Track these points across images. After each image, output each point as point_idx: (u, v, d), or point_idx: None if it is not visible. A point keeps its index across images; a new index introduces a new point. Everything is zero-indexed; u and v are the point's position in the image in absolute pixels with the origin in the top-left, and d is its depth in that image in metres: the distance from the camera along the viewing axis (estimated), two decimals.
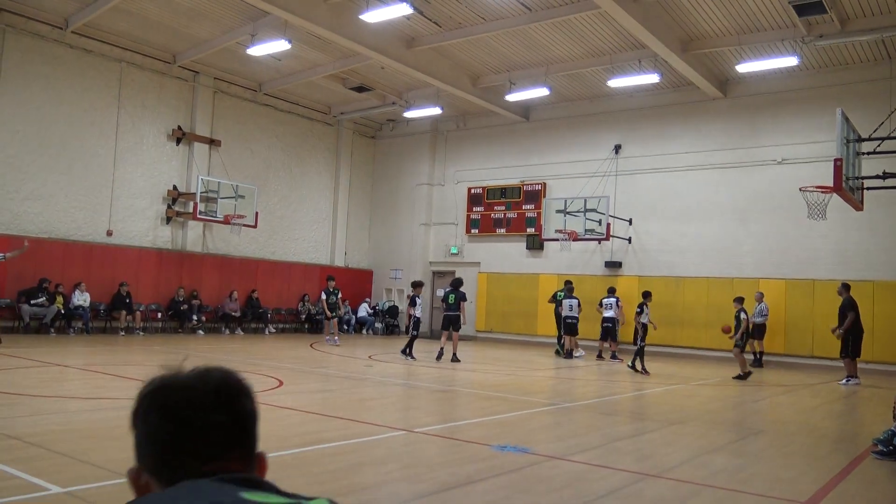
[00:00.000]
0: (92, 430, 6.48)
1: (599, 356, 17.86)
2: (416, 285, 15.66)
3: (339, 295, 19.22)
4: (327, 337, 19.31)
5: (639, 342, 14.65)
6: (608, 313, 17.41)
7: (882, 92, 17.20)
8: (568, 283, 18.79)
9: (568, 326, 17.84)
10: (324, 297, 19.19)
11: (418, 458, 6.06)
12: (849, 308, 14.26)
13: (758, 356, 17.96)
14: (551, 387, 12.48)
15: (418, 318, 15.61)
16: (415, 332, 15.41)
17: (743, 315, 14.22)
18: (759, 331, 17.90)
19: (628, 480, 5.60)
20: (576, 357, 17.87)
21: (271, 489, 1.14)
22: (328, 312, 19.01)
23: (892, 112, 12.86)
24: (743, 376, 14.18)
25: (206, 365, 1.26)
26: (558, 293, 18.81)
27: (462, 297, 15.52)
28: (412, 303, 15.60)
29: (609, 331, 17.46)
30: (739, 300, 14.65)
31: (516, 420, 8.35)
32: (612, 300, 17.55)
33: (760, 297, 18.05)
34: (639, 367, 14.47)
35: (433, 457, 6.12)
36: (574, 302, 17.83)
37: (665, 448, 7.02)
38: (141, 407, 1.22)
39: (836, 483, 5.74)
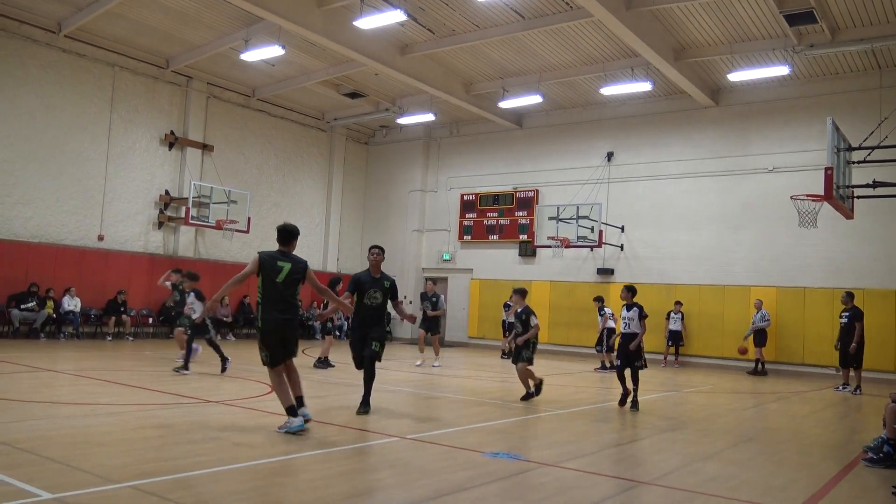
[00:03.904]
0: (82, 435, 6.44)
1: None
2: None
3: (193, 295, 12.48)
4: (179, 358, 12.81)
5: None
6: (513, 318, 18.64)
7: (872, 101, 17.34)
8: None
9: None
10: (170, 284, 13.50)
11: (411, 464, 6.05)
12: (857, 318, 14.02)
13: (759, 365, 17.98)
14: (543, 393, 12.48)
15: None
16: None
17: (535, 321, 10.46)
18: (760, 338, 17.94)
19: (620, 487, 5.61)
20: (435, 366, 15.93)
21: (296, 258, 7.26)
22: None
23: (883, 121, 12.97)
24: (528, 395, 10.63)
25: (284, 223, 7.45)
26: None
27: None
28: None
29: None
30: (510, 301, 12.16)
31: (509, 427, 8.35)
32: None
33: (760, 305, 18.13)
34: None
35: (426, 464, 6.11)
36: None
37: (657, 455, 7.03)
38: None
39: (827, 490, 5.76)
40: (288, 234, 7.31)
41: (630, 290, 10.50)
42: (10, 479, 4.68)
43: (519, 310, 10.63)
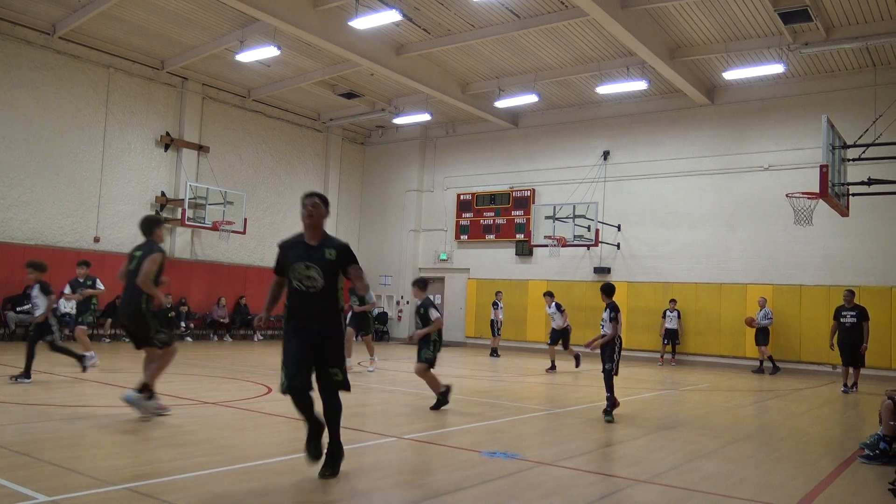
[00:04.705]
0: (79, 438, 6.43)
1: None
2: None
3: (38, 288, 10.23)
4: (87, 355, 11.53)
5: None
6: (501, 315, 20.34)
7: (867, 99, 17.39)
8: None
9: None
10: (68, 290, 12.89)
11: (408, 464, 6.05)
12: (865, 318, 13.81)
13: (764, 362, 17.99)
14: (541, 392, 12.48)
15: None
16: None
17: (435, 314, 9.17)
18: (763, 336, 17.94)
19: (618, 486, 5.61)
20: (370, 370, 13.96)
21: (147, 246, 7.44)
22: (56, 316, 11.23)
23: (877, 119, 13.00)
24: (441, 398, 9.19)
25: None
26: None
27: None
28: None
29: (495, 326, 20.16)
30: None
31: (506, 426, 8.35)
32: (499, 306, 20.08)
33: (763, 303, 18.16)
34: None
35: (423, 463, 6.11)
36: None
37: (654, 454, 7.03)
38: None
39: (823, 487, 5.77)
40: (143, 225, 7.68)
41: (605, 291, 9.16)
42: (6, 483, 4.66)
43: (418, 303, 9.26)
